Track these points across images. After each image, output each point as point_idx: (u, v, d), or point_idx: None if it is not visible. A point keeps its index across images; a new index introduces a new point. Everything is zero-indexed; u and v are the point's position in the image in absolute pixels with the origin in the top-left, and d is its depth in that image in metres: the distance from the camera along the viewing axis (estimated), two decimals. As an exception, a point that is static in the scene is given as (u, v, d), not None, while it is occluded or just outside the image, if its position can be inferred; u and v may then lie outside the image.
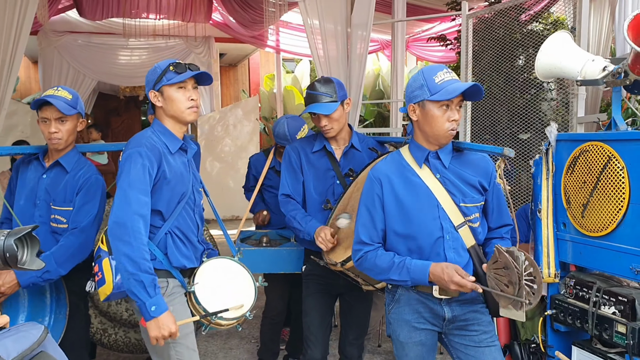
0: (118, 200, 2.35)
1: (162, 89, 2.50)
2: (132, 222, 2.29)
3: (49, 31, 9.13)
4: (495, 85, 6.28)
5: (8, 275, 2.52)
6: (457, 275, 2.17)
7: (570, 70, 2.52)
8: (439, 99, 2.24)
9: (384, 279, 2.40)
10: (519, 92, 6.14)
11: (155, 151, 2.43)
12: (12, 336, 1.22)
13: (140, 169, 2.37)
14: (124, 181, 2.37)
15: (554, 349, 2.64)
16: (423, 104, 2.30)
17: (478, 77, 6.95)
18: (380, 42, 10.07)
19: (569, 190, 2.53)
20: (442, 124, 2.28)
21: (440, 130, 2.29)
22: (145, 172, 2.37)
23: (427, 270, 2.24)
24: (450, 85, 2.24)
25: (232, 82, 13.16)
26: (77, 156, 2.86)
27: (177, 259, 2.49)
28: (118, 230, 2.29)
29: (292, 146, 3.15)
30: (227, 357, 4.41)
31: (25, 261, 1.32)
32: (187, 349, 2.47)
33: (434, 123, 2.29)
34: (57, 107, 2.67)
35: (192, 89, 2.54)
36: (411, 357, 2.45)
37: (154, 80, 2.52)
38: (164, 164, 2.45)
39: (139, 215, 2.31)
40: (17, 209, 2.81)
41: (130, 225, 2.28)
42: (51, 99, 2.68)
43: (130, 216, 2.29)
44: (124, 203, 2.32)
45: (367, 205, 2.44)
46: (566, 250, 2.59)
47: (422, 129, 2.36)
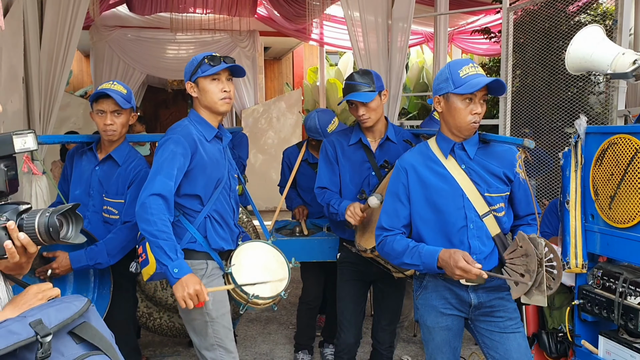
0: (145, 184, 2.51)
1: (198, 80, 2.64)
2: (150, 201, 2.43)
3: (101, 26, 9.43)
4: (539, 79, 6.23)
5: (64, 259, 2.71)
6: (462, 260, 2.22)
7: (600, 63, 2.54)
8: (462, 92, 2.32)
9: (399, 263, 2.49)
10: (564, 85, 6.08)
11: (190, 139, 2.57)
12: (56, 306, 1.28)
13: (170, 156, 2.51)
14: (153, 166, 2.53)
15: (581, 339, 2.68)
16: (447, 96, 2.38)
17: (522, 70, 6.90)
18: (424, 35, 10.06)
19: (597, 182, 2.55)
20: (465, 117, 2.36)
21: (463, 122, 2.37)
22: (175, 158, 2.51)
23: (437, 255, 2.31)
24: (474, 79, 2.32)
25: (276, 76, 13.32)
26: (127, 148, 3.00)
27: (215, 241, 2.64)
28: (140, 210, 2.45)
29: (328, 140, 3.25)
30: (265, 342, 4.56)
31: (70, 236, 1.44)
32: (224, 328, 2.61)
33: (457, 115, 2.37)
34: (116, 99, 2.81)
35: (226, 80, 2.66)
36: (437, 341, 2.54)
37: (190, 71, 2.66)
38: (200, 151, 2.59)
39: (157, 195, 2.45)
40: (72, 198, 2.98)
41: (149, 204, 2.43)
42: (110, 92, 2.83)
43: (148, 196, 2.44)
44: (147, 186, 2.49)
45: (392, 193, 2.53)
46: (594, 242, 2.61)
47: (446, 121, 2.45)
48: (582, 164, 2.63)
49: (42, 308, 1.27)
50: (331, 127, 3.90)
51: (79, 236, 1.45)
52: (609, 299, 2.49)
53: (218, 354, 2.59)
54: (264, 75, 12.01)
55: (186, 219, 2.62)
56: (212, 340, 2.58)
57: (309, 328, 4.05)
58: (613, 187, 2.46)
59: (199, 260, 2.60)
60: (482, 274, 2.22)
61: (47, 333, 1.18)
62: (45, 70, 4.93)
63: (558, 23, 5.43)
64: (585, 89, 6.27)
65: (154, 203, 2.43)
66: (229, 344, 2.62)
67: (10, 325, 1.17)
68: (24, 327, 1.18)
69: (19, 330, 1.17)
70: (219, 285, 2.63)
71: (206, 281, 2.57)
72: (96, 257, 2.74)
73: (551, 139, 5.17)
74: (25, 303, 1.36)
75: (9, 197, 1.43)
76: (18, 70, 4.22)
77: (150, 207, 2.42)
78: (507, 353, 2.42)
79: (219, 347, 2.59)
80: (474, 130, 2.44)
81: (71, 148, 3.20)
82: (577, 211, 2.64)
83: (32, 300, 1.37)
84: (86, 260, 2.73)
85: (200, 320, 2.58)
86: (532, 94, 5.56)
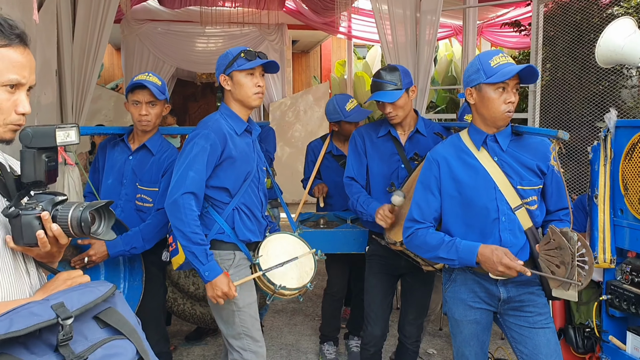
0: (174, 179, 2.56)
1: (232, 73, 2.67)
2: (183, 200, 2.50)
3: (131, 19, 9.54)
4: (570, 72, 6.14)
5: (100, 246, 2.78)
6: (505, 257, 2.23)
7: (631, 56, 2.52)
8: (495, 81, 2.31)
9: (431, 256, 2.49)
10: (595, 78, 5.99)
11: (220, 133, 2.61)
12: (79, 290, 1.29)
13: (201, 151, 2.56)
14: (183, 161, 2.57)
15: (609, 334, 2.66)
16: (480, 87, 2.37)
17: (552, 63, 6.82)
18: (453, 28, 9.98)
19: (627, 177, 2.53)
20: (499, 106, 2.34)
21: (497, 112, 2.36)
22: (205, 154, 2.56)
23: (476, 251, 2.31)
24: (506, 68, 2.31)
25: (304, 69, 13.35)
26: (160, 139, 3.06)
27: (243, 232, 2.68)
28: (172, 207, 2.51)
29: (358, 131, 3.26)
30: (291, 332, 4.60)
31: (101, 232, 1.47)
32: (250, 317, 2.65)
33: (490, 105, 2.36)
34: (152, 90, 2.88)
35: (260, 76, 2.70)
36: (465, 334, 2.53)
37: (225, 64, 2.69)
38: (229, 145, 2.63)
39: (190, 193, 2.52)
40: (104, 187, 3.04)
41: (181, 203, 2.49)
42: (145, 83, 2.89)
43: (181, 195, 2.50)
44: (179, 182, 2.54)
45: (423, 185, 2.53)
46: (623, 237, 2.59)
47: (479, 112, 2.43)
48: (611, 158, 2.61)
49: (66, 292, 1.29)
50: (349, 105, 3.91)
51: (109, 232, 1.48)
52: (637, 295, 2.47)
53: (245, 343, 2.63)
54: (292, 68, 12.04)
55: (215, 210, 2.66)
56: (239, 329, 2.64)
57: (334, 319, 4.08)
58: (643, 182, 2.43)
59: (226, 250, 2.65)
60: (525, 270, 2.22)
61: (68, 316, 1.20)
62: (77, 63, 5.02)
63: (590, 15, 5.35)
64: (618, 83, 6.17)
65: (187, 202, 2.50)
66: (256, 333, 2.66)
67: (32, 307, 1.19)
68: (46, 310, 1.19)
69: (41, 312, 1.18)
70: (246, 275, 2.67)
71: (233, 271, 2.62)
72: (132, 242, 2.81)
73: (581, 133, 5.11)
74: (55, 289, 1.39)
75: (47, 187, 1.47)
76: (52, 64, 4.31)
77: (183, 206, 2.49)
78: (536, 348, 2.40)
79: (245, 336, 2.64)
80: (509, 120, 2.42)
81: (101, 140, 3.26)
82: (605, 206, 2.62)
83: (61, 287, 1.40)
84: (122, 245, 2.79)
85: (227, 309, 2.63)
86: (562, 88, 5.49)
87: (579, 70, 5.94)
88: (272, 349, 4.26)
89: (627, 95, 6.57)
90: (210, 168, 2.59)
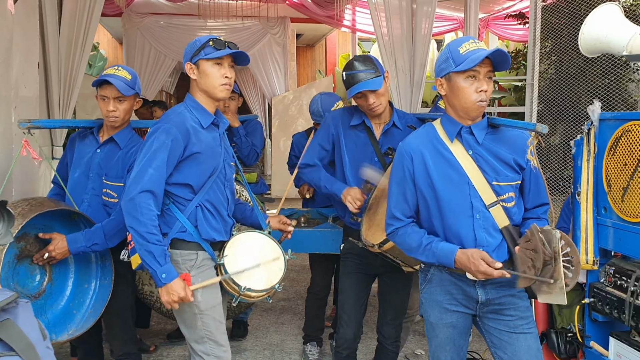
0: (132, 176, 2.43)
1: (199, 62, 2.54)
2: (140, 198, 2.37)
3: (132, 13, 9.48)
4: (575, 65, 5.98)
5: (61, 241, 2.66)
6: (483, 264, 2.10)
7: (615, 44, 2.36)
8: (463, 69, 2.16)
9: (412, 257, 2.37)
10: (601, 71, 5.82)
11: (182, 128, 2.49)
12: None
13: (161, 147, 2.43)
14: (142, 157, 2.45)
15: (591, 339, 2.52)
16: (449, 76, 2.23)
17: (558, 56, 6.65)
18: (459, 21, 9.80)
19: (610, 173, 2.38)
20: (470, 96, 2.20)
21: (468, 102, 2.21)
22: (166, 150, 2.44)
23: (453, 257, 2.19)
24: (475, 54, 2.16)
25: (309, 63, 13.24)
26: (130, 133, 2.96)
27: (206, 231, 2.55)
28: (128, 206, 2.39)
29: (332, 116, 3.13)
30: (277, 332, 4.49)
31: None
32: (214, 320, 2.54)
33: (461, 95, 2.22)
34: (117, 87, 2.76)
35: (228, 67, 2.57)
36: (441, 338, 2.40)
37: (192, 52, 2.56)
38: (193, 140, 2.50)
39: (147, 192, 2.39)
40: (71, 180, 2.95)
41: (138, 201, 2.37)
42: (111, 79, 2.78)
43: (138, 193, 2.38)
44: (136, 179, 2.41)
45: (397, 179, 2.40)
46: (607, 237, 2.45)
47: (451, 103, 2.30)
48: (595, 153, 2.46)
49: None
50: (334, 109, 3.78)
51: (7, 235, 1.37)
52: (621, 299, 2.33)
53: (208, 347, 2.52)
54: (297, 62, 11.94)
55: (176, 207, 2.54)
56: (201, 333, 2.51)
57: (316, 319, 3.96)
58: (626, 178, 2.29)
59: (188, 250, 2.52)
60: (504, 274, 2.10)
61: None
62: (64, 56, 4.96)
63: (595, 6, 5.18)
64: (624, 76, 6.00)
65: (144, 201, 2.38)
66: (220, 336, 2.54)
67: None
68: None
69: None
70: (210, 276, 2.55)
71: (195, 272, 2.50)
72: (93, 238, 2.68)
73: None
74: None
75: None
76: (33, 56, 4.21)
77: (140, 205, 2.37)
78: (515, 355, 2.26)
79: (209, 340, 2.52)
80: (482, 110, 2.27)
81: None
82: (588, 203, 2.48)
83: None
84: (83, 241, 2.67)
85: (189, 312, 2.51)
86: (566, 81, 5.34)
87: (583, 63, 5.77)
88: (256, 349, 4.16)
89: (634, 88, 6.39)
90: (171, 165, 2.47)
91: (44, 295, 2.72)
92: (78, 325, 2.72)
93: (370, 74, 2.86)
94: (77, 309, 2.77)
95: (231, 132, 4.01)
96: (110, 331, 2.97)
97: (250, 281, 2.55)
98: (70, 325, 2.71)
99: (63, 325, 2.70)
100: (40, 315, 2.65)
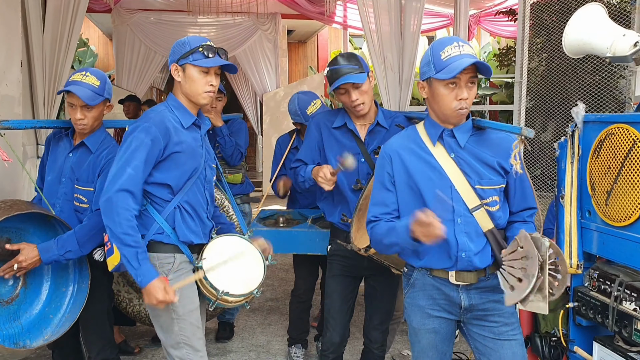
0: (111, 175, 2.38)
1: (185, 66, 2.49)
2: (117, 197, 2.32)
3: (122, 9, 9.40)
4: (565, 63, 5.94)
5: (31, 251, 2.58)
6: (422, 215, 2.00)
7: (599, 46, 2.32)
8: (442, 78, 2.11)
9: (381, 248, 2.33)
10: (592, 68, 5.79)
11: (162, 127, 2.44)
12: None
13: (140, 146, 2.38)
14: (121, 156, 2.39)
15: (575, 344, 2.49)
16: (430, 81, 2.19)
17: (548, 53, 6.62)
18: (450, 17, 9.76)
19: (594, 176, 2.34)
20: (449, 103, 2.16)
21: (448, 109, 2.17)
22: (145, 149, 2.38)
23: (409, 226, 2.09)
24: (455, 61, 2.09)
25: (300, 59, 13.17)
26: (102, 136, 2.88)
27: (184, 234, 2.51)
28: (106, 205, 2.34)
29: (314, 121, 3.08)
30: (264, 333, 4.45)
31: None
32: (191, 325, 2.49)
33: (441, 102, 2.18)
34: (81, 97, 2.68)
35: (215, 75, 2.52)
36: (423, 344, 2.36)
37: (180, 54, 2.50)
38: (173, 139, 2.46)
39: (125, 191, 2.34)
40: (46, 184, 2.89)
41: (115, 200, 2.32)
42: (76, 89, 2.69)
43: (116, 192, 2.32)
44: (114, 178, 2.36)
45: (378, 182, 2.36)
46: (591, 240, 2.41)
47: (432, 107, 2.26)
48: (579, 156, 2.43)
49: None
50: (311, 109, 3.76)
51: None
52: (604, 303, 2.29)
53: (184, 352, 2.47)
54: (289, 58, 11.87)
55: (154, 208, 2.48)
56: (178, 338, 2.47)
57: (301, 322, 3.92)
58: (610, 182, 2.25)
59: (166, 253, 2.47)
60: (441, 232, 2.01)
61: None
62: (49, 55, 4.90)
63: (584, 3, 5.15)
64: (615, 73, 5.97)
65: (121, 201, 2.32)
66: (196, 342, 2.50)
67: None
68: None
69: None
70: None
71: (173, 276, 2.45)
72: (66, 246, 2.61)
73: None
74: None
75: None
76: (14, 55, 4.15)
77: (117, 205, 2.31)
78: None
79: (185, 345, 2.47)
80: (462, 117, 2.23)
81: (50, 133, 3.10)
82: (572, 207, 2.44)
83: None
84: (56, 249, 2.60)
85: (166, 316, 2.46)
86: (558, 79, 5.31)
87: (574, 60, 5.74)
88: (241, 350, 4.12)
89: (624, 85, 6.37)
90: (150, 165, 2.42)
91: (17, 300, 2.65)
92: (54, 330, 2.66)
93: (354, 69, 2.82)
94: (54, 313, 2.72)
95: (214, 131, 3.95)
96: (87, 337, 2.92)
97: (229, 285, 2.51)
98: (46, 330, 2.66)
99: (38, 330, 2.64)
100: (14, 321, 2.60)
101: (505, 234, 2.31)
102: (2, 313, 2.58)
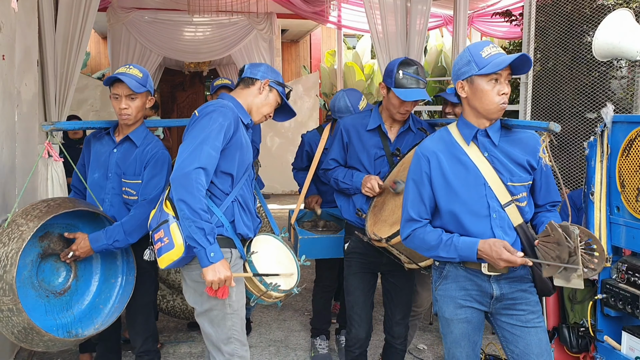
0: (188, 151, 2.41)
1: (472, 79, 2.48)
2: (196, 174, 2.35)
3: (118, 7, 9.36)
4: (561, 63, 6.09)
5: (83, 241, 2.71)
6: (505, 252, 2.17)
7: (629, 49, 2.44)
8: (487, 72, 2.23)
9: (432, 255, 2.41)
10: (586, 69, 5.94)
11: (235, 116, 2.54)
12: None
13: (218, 127, 2.45)
14: (197, 134, 2.44)
15: (604, 334, 2.61)
16: (471, 79, 2.29)
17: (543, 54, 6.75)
18: (443, 18, 9.89)
19: (624, 174, 2.46)
20: (493, 98, 2.27)
21: (491, 104, 2.28)
22: (222, 131, 2.46)
23: (475, 247, 2.25)
24: (498, 58, 2.23)
25: (293, 58, 13.21)
26: (145, 132, 2.97)
27: (241, 227, 2.58)
28: (183, 179, 2.34)
29: (343, 123, 3.16)
30: (280, 328, 4.53)
31: None
32: (241, 320, 2.56)
33: (484, 98, 2.28)
34: (128, 85, 2.78)
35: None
36: (456, 334, 2.45)
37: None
38: (240, 130, 2.56)
39: (202, 169, 2.38)
40: (91, 181, 2.96)
41: (194, 177, 2.34)
42: (123, 77, 2.79)
43: (195, 169, 2.36)
44: (194, 155, 2.39)
45: (415, 181, 2.44)
46: (619, 235, 2.54)
47: (472, 106, 2.35)
48: (608, 154, 2.55)
49: None
50: (362, 104, 3.76)
51: None
52: (634, 294, 2.42)
53: (234, 348, 2.52)
54: (282, 57, 11.90)
55: (212, 201, 2.53)
56: (229, 333, 2.51)
57: (325, 311, 4.00)
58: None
59: (224, 248, 2.49)
60: (526, 262, 2.17)
61: None
62: (60, 53, 4.91)
63: (581, 6, 5.29)
64: (608, 74, 6.13)
65: (199, 178, 2.36)
66: (243, 336, 2.56)
67: None
68: None
69: None
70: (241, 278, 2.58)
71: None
72: (114, 235, 2.71)
73: (572, 124, 5.07)
74: None
75: None
76: (33, 53, 4.18)
77: (195, 181, 2.34)
78: (527, 348, 2.34)
79: (235, 340, 2.52)
80: (503, 112, 2.33)
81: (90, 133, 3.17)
82: (602, 203, 2.56)
83: None
84: (105, 239, 2.70)
85: (220, 311, 2.50)
86: (553, 79, 5.44)
87: (569, 61, 5.89)
88: (261, 345, 4.19)
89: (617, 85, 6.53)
90: (221, 145, 2.48)
91: (70, 292, 2.79)
92: (104, 319, 2.78)
93: (423, 83, 2.92)
94: (104, 304, 2.83)
95: None
96: (133, 328, 2.99)
97: (277, 280, 2.58)
98: (97, 319, 2.78)
99: (89, 320, 2.77)
100: (66, 311, 2.73)
101: (532, 224, 2.44)
102: (56, 304, 2.71)
